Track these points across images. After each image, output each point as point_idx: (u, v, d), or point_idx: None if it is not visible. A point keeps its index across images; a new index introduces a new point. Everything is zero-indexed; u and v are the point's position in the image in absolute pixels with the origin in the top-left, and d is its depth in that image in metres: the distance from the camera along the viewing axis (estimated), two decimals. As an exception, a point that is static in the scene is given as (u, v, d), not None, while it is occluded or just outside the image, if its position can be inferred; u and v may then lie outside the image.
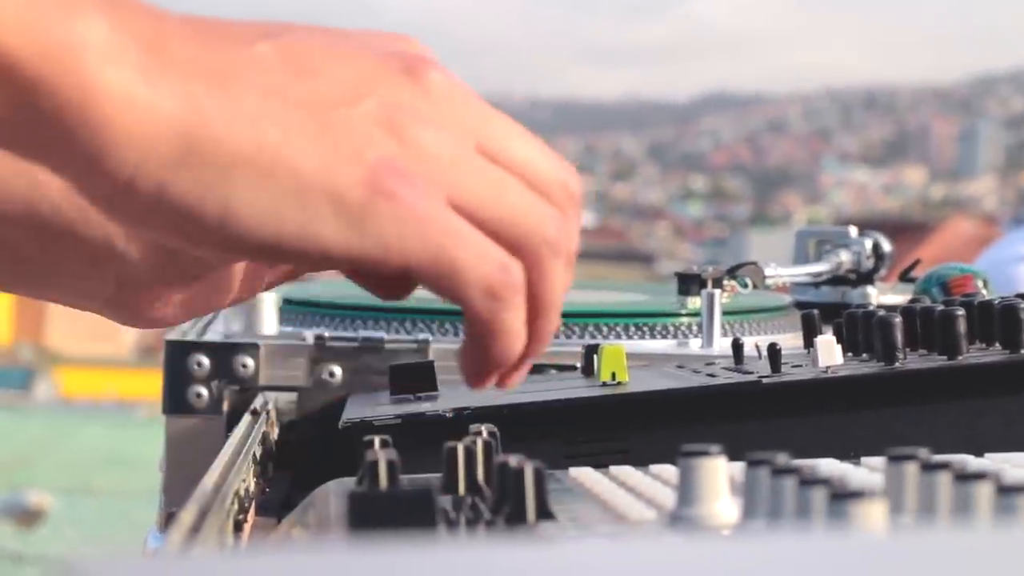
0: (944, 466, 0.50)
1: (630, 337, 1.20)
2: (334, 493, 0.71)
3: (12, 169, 0.67)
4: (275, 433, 1.04)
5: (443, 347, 1.09)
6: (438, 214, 0.57)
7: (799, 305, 1.32)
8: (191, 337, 1.13)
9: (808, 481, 0.48)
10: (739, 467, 0.56)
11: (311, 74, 0.58)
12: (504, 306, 0.59)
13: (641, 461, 0.74)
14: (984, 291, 1.31)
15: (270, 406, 1.06)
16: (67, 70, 0.53)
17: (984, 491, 0.47)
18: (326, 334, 1.11)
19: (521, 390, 1.01)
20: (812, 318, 1.04)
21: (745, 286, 1.25)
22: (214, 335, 1.16)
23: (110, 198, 0.56)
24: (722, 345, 1.17)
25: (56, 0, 0.53)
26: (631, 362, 0.94)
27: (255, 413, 1.01)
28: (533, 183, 0.61)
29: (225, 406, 1.10)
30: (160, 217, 0.56)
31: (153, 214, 0.56)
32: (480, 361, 0.62)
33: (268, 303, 1.17)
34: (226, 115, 0.55)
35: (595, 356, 0.96)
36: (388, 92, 0.58)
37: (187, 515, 0.61)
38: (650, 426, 0.86)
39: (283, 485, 0.98)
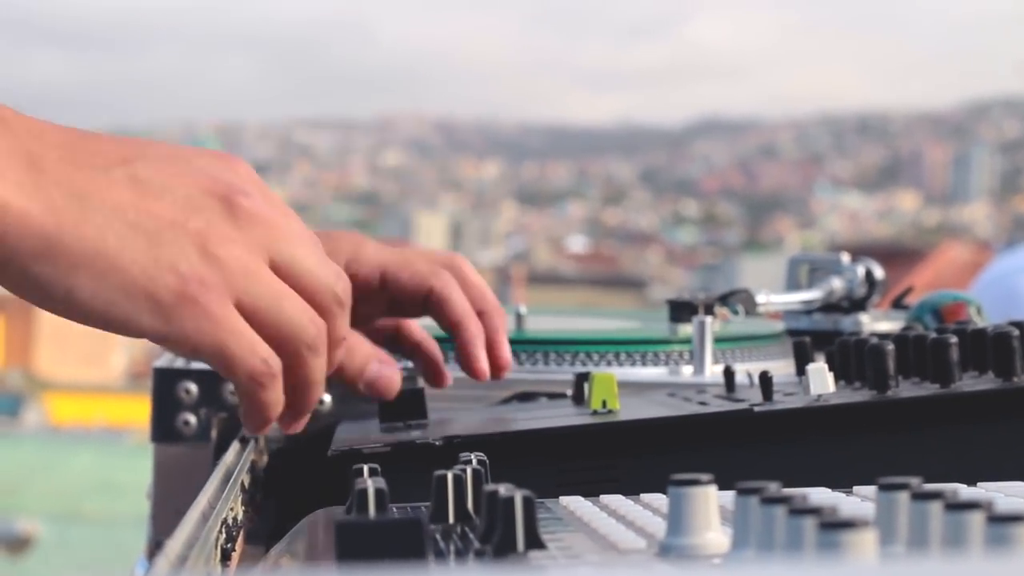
0: (936, 495, 0.50)
1: (621, 365, 1.20)
2: (323, 522, 0.70)
3: None
4: (263, 461, 1.04)
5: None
6: (224, 317, 0.76)
7: (791, 332, 1.32)
8: (179, 364, 1.13)
9: (798, 510, 0.48)
10: (730, 496, 0.55)
11: (152, 196, 0.75)
12: (261, 389, 0.79)
13: (632, 489, 0.74)
14: (977, 318, 1.31)
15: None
16: None
17: (976, 520, 0.47)
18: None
19: (512, 418, 1.00)
20: (804, 346, 1.03)
21: (736, 313, 1.25)
22: (202, 362, 1.16)
23: None
24: (714, 373, 1.17)
25: None
26: (622, 390, 0.94)
27: (243, 441, 1.00)
28: (307, 292, 0.80)
29: (213, 433, 1.10)
30: (23, 292, 0.73)
31: (18, 289, 0.73)
32: (253, 418, 0.82)
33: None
34: (79, 226, 0.72)
35: (586, 384, 0.96)
36: (206, 216, 0.76)
37: (174, 544, 0.60)
38: (641, 454, 0.85)
39: (271, 514, 0.98)
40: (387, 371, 0.98)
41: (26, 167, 0.72)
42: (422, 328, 1.05)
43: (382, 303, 1.02)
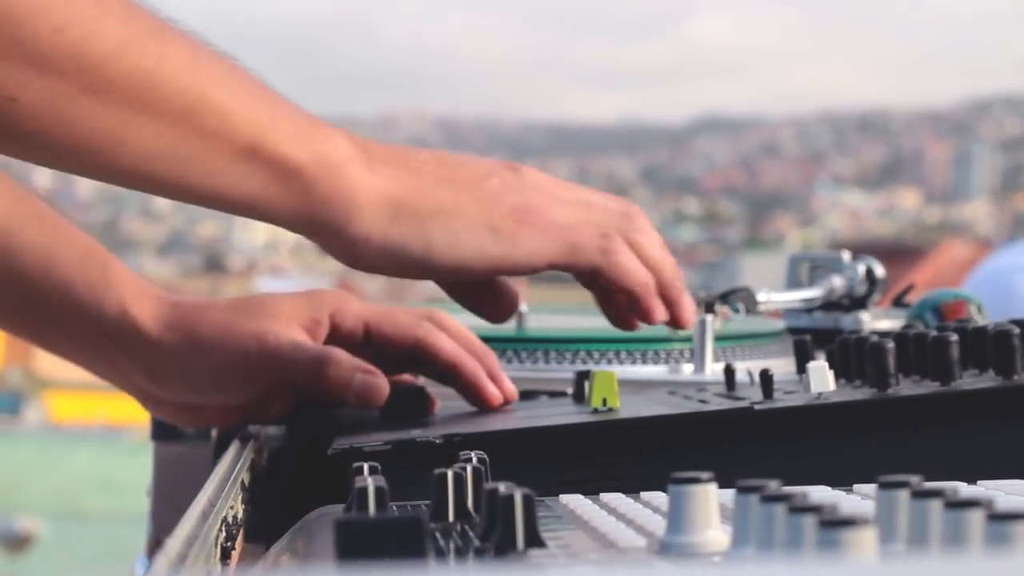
0: (936, 493, 0.50)
1: (621, 363, 1.20)
2: (322, 520, 0.70)
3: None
4: (264, 459, 1.04)
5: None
6: (556, 227, 0.92)
7: (792, 331, 1.32)
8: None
9: (798, 508, 0.48)
10: (730, 494, 0.55)
11: (456, 167, 0.93)
12: (615, 251, 0.94)
13: (632, 487, 0.74)
14: (978, 316, 1.31)
15: (259, 432, 1.06)
16: (330, 170, 0.88)
17: (976, 519, 0.47)
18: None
19: (512, 416, 1.00)
20: (805, 344, 1.03)
21: (737, 311, 1.25)
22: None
23: (352, 250, 0.90)
24: (714, 371, 1.17)
25: (318, 128, 0.89)
26: (622, 388, 0.94)
27: (244, 439, 1.00)
28: (600, 206, 0.97)
29: (213, 432, 1.10)
30: (384, 258, 0.90)
31: (380, 256, 0.90)
32: (636, 305, 0.96)
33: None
34: (416, 188, 0.90)
35: (586, 382, 0.96)
36: (502, 176, 0.94)
37: (174, 542, 0.60)
38: (641, 452, 0.85)
39: (271, 512, 0.98)
40: (373, 380, 0.99)
41: (365, 156, 0.89)
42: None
43: (367, 357, 1.03)
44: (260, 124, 0.87)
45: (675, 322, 0.99)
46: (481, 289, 0.99)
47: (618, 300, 0.99)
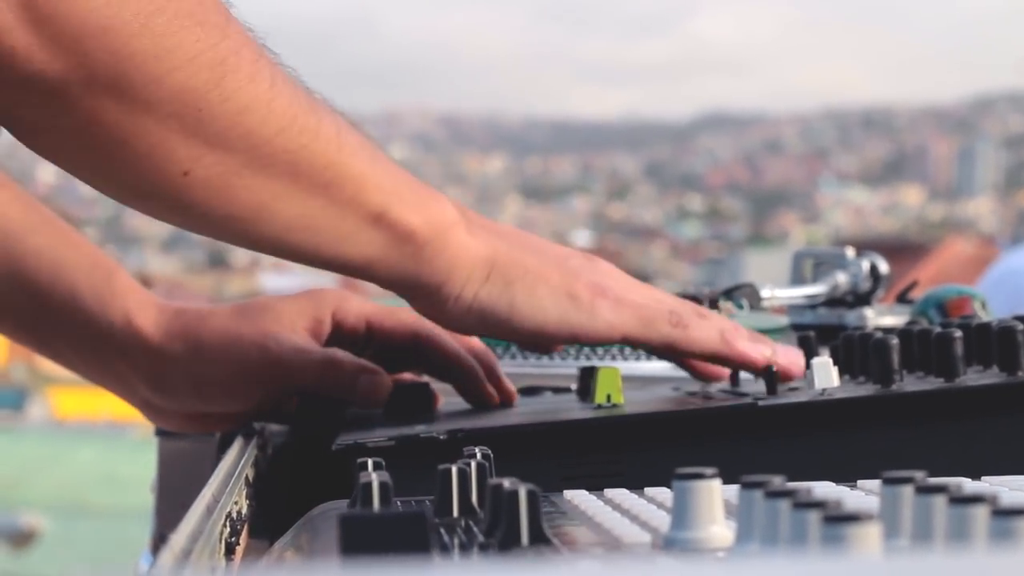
0: (940, 489, 0.50)
1: (626, 359, 1.20)
2: (327, 516, 0.71)
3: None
4: (268, 455, 1.04)
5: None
6: (631, 304, 0.96)
7: (796, 327, 1.32)
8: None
9: (803, 504, 0.48)
10: (734, 490, 0.55)
11: (539, 241, 0.98)
12: (686, 324, 0.97)
13: (636, 483, 0.74)
14: (982, 313, 1.31)
15: (263, 428, 1.06)
16: (439, 235, 0.92)
17: (980, 514, 0.47)
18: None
19: (516, 412, 1.00)
20: (809, 340, 1.03)
21: (741, 307, 1.25)
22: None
23: (443, 308, 0.94)
24: (718, 366, 1.17)
25: (430, 193, 0.93)
26: (626, 384, 0.94)
27: (247, 435, 1.00)
28: (669, 296, 1.01)
29: (218, 428, 1.10)
30: (472, 317, 0.94)
31: (467, 315, 0.94)
32: (724, 363, 0.99)
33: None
34: (507, 253, 0.94)
35: (591, 378, 0.96)
36: (579, 258, 0.98)
37: (179, 537, 0.60)
38: (645, 448, 0.85)
39: (275, 508, 0.98)
40: (376, 379, 1.02)
41: (465, 220, 0.94)
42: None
43: (369, 355, 1.04)
44: (387, 192, 0.91)
45: (784, 374, 0.98)
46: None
47: (697, 366, 1.04)
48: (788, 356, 0.99)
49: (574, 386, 1.04)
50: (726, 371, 1.01)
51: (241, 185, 0.85)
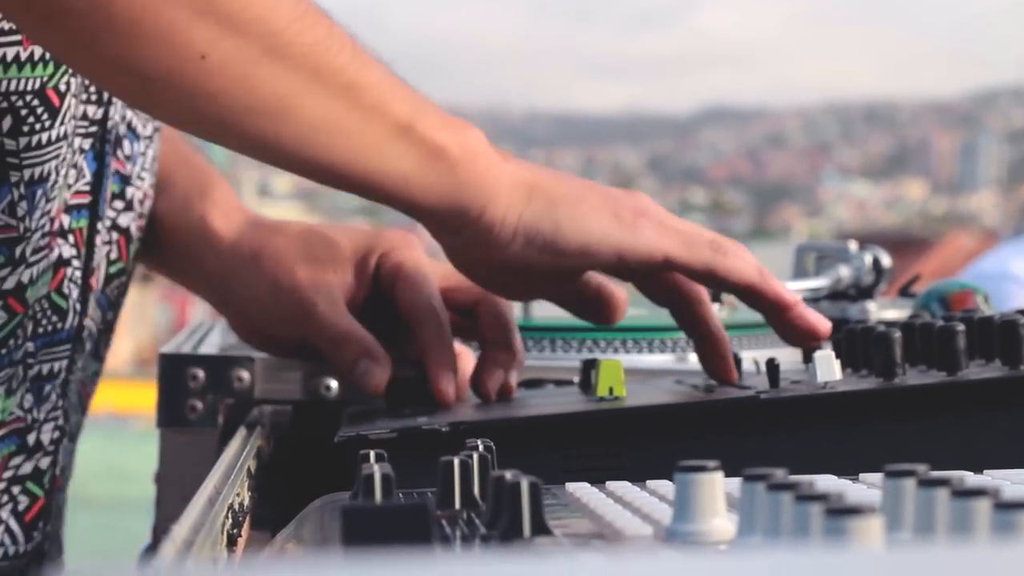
0: (942, 482, 0.50)
1: (628, 352, 1.20)
2: (329, 507, 0.71)
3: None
4: (270, 447, 1.04)
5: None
6: (672, 227, 0.96)
7: (798, 320, 1.32)
8: (186, 350, 1.13)
9: (805, 497, 0.48)
10: (736, 483, 0.55)
11: (576, 178, 0.97)
12: (726, 252, 0.96)
13: (638, 476, 0.74)
14: (984, 307, 1.31)
15: (265, 419, 1.06)
16: (472, 155, 0.92)
17: (982, 507, 0.47)
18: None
19: (518, 404, 1.00)
20: (811, 333, 1.03)
21: (743, 300, 1.25)
22: (210, 348, 1.16)
23: (489, 235, 0.93)
24: (720, 359, 1.17)
25: (458, 119, 0.93)
26: (629, 377, 0.94)
27: (250, 426, 1.01)
28: (706, 229, 0.99)
29: (220, 419, 1.10)
30: (518, 241, 0.93)
31: (513, 239, 0.93)
32: (759, 297, 0.97)
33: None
34: (548, 177, 0.95)
35: (593, 371, 0.96)
36: (618, 190, 0.97)
37: (181, 529, 0.60)
38: (647, 441, 0.85)
39: (278, 499, 0.98)
40: (375, 369, 1.01)
41: (498, 152, 0.94)
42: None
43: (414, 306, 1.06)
44: (413, 106, 0.91)
45: (812, 333, 0.97)
46: (591, 292, 1.01)
47: (713, 360, 0.99)
48: (816, 314, 0.98)
49: (576, 379, 1.04)
50: (735, 375, 0.99)
51: (260, 75, 0.86)
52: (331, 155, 0.89)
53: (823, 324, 0.97)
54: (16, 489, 1.01)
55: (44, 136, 0.97)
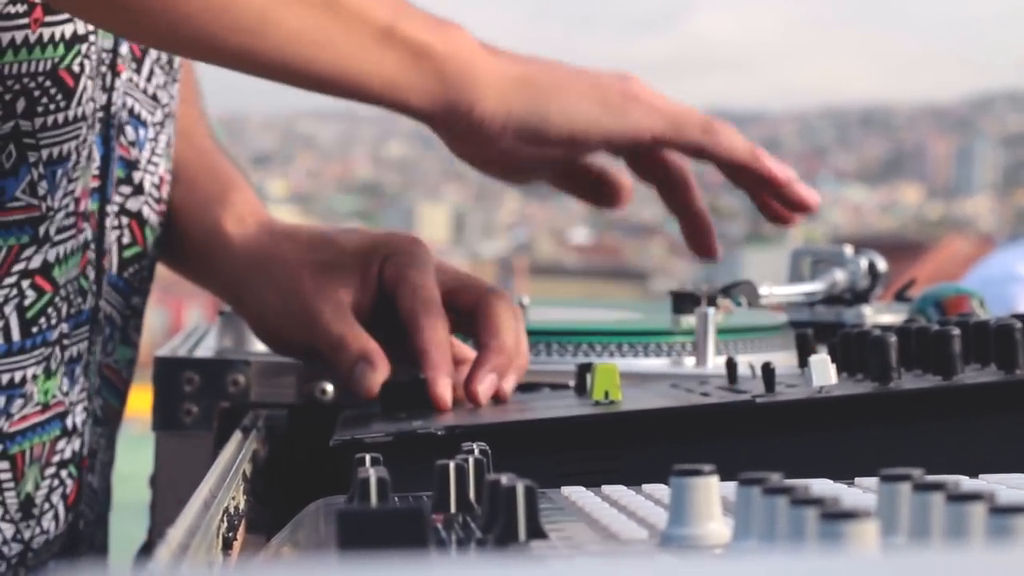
0: (938, 486, 0.50)
1: (623, 356, 1.20)
2: (324, 511, 0.71)
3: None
4: (265, 450, 1.04)
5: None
6: (661, 109, 0.98)
7: (794, 324, 1.32)
8: (182, 353, 1.13)
9: (800, 501, 0.48)
10: (731, 486, 0.55)
11: (567, 65, 0.98)
12: (716, 130, 0.99)
13: (633, 480, 0.74)
14: (980, 311, 1.31)
15: (260, 423, 1.06)
16: (459, 53, 0.94)
17: (978, 512, 0.47)
18: (318, 351, 1.10)
19: (514, 408, 1.00)
20: (807, 337, 1.03)
21: (739, 305, 1.25)
22: (205, 351, 1.16)
23: (479, 129, 0.95)
24: (716, 364, 1.17)
25: (443, 21, 0.95)
26: (624, 381, 0.94)
27: (245, 430, 1.00)
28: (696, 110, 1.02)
29: (215, 423, 1.10)
30: (507, 135, 0.96)
31: (503, 132, 0.96)
32: (751, 173, 1.02)
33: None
34: (536, 68, 0.97)
35: (588, 374, 0.96)
36: (610, 75, 0.99)
37: (176, 532, 0.60)
38: (643, 445, 0.85)
39: (273, 503, 0.98)
40: (369, 372, 1.01)
41: (486, 48, 0.96)
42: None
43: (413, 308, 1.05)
44: (393, 9, 0.94)
45: (804, 206, 1.03)
46: (593, 178, 1.06)
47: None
48: (808, 188, 1.02)
49: (572, 382, 1.04)
50: (717, 250, 1.06)
51: None
52: (316, 65, 0.92)
53: (814, 197, 1.02)
54: (64, 473, 1.02)
55: (60, 116, 0.98)
